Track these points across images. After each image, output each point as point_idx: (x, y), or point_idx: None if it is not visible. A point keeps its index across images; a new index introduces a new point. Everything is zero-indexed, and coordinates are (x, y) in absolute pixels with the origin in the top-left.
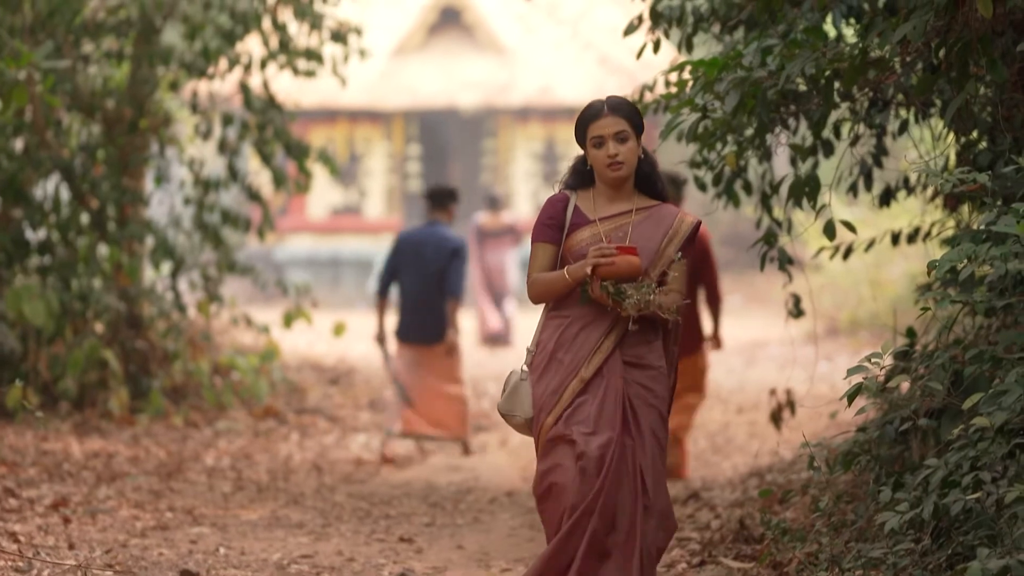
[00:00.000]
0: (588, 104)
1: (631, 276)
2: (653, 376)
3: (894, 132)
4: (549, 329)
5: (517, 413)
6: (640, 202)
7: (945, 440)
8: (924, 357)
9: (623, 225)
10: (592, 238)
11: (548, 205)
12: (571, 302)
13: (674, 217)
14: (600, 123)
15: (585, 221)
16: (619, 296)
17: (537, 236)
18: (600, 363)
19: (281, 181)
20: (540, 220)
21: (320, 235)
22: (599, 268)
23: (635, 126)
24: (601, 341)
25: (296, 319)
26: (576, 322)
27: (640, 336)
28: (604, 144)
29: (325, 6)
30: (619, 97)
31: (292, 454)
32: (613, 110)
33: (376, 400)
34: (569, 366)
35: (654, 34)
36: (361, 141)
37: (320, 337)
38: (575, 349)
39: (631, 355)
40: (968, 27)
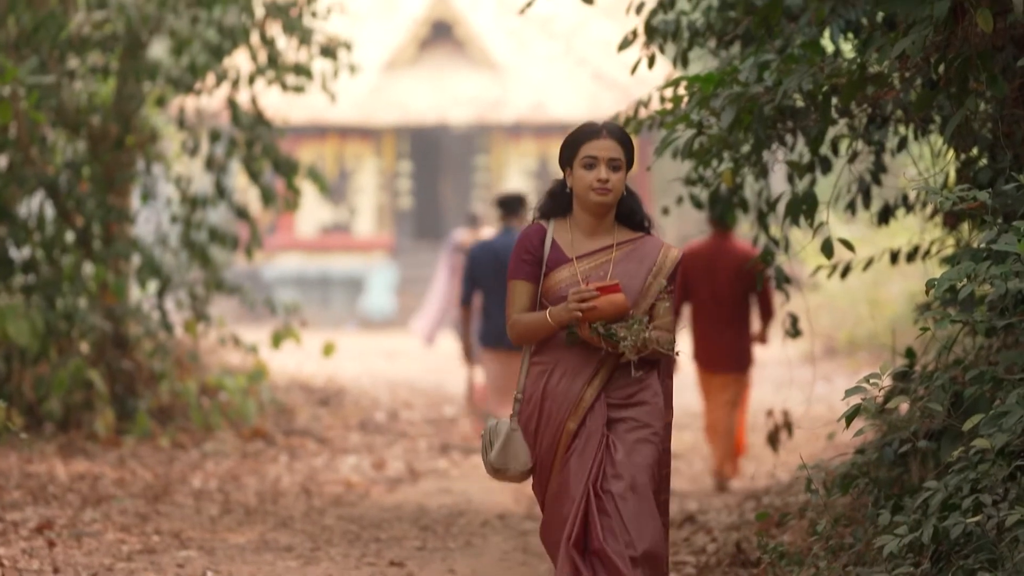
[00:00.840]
0: (584, 124)
1: (618, 316)
2: (648, 411)
3: (893, 149)
4: (533, 376)
5: (512, 466)
6: (621, 235)
7: (945, 462)
8: (923, 378)
9: (603, 264)
10: (571, 279)
11: (524, 239)
12: (553, 344)
13: (658, 251)
14: (597, 144)
15: (563, 259)
16: (611, 338)
17: (514, 273)
18: (584, 413)
19: (270, 198)
20: (516, 255)
21: (309, 253)
22: (584, 317)
23: (628, 156)
24: (583, 390)
25: (285, 339)
26: (559, 368)
27: (628, 377)
28: (596, 166)
29: (314, 20)
30: (617, 125)
31: (281, 476)
32: (612, 135)
33: (366, 421)
34: (557, 418)
35: (649, 49)
36: (351, 158)
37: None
38: (559, 399)
39: (621, 396)
40: (968, 42)
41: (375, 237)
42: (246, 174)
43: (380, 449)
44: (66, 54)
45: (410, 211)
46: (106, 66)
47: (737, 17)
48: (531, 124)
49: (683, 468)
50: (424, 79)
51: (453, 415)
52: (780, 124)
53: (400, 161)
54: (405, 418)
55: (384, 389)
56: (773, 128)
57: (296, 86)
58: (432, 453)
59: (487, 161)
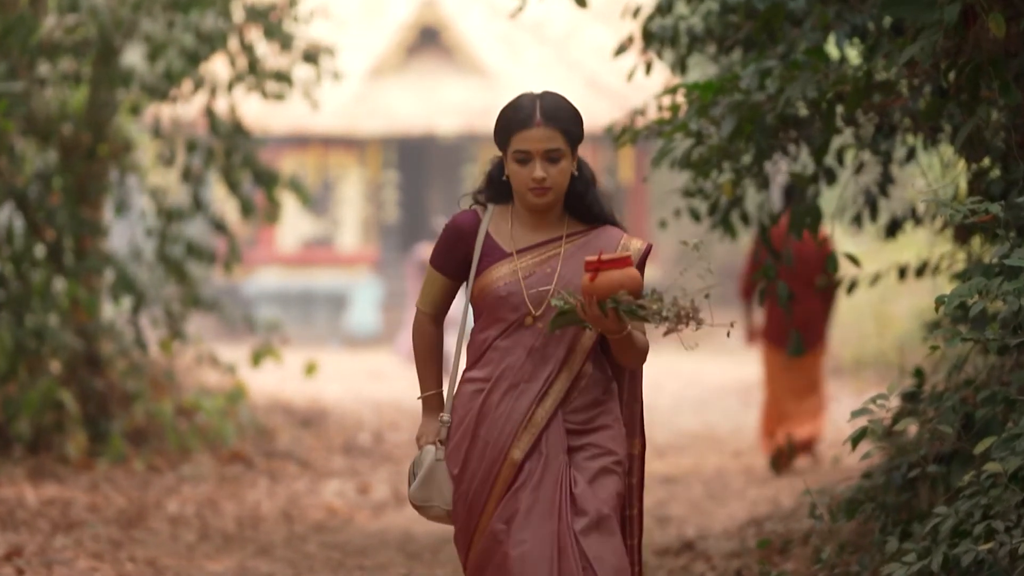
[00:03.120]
0: (515, 102)
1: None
2: (611, 436)
3: (901, 159)
4: (464, 396)
5: (435, 503)
6: (571, 226)
7: (955, 487)
8: (933, 398)
9: (550, 259)
10: (510, 276)
11: (451, 227)
12: (495, 355)
13: (616, 243)
14: (527, 135)
15: (500, 254)
16: (634, 314)
17: (432, 259)
18: (533, 439)
19: (249, 211)
20: (439, 241)
21: (291, 268)
22: (593, 289)
23: (572, 140)
24: (532, 410)
25: (265, 357)
26: (499, 386)
27: (588, 394)
28: (530, 162)
29: (296, 25)
30: (556, 97)
31: (261, 501)
32: (548, 119)
33: (350, 443)
34: (496, 446)
35: (646, 55)
36: (334, 168)
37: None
38: (500, 423)
39: (578, 421)
40: (979, 48)
41: (359, 251)
42: (224, 185)
43: (365, 472)
44: (36, 60)
45: (396, 224)
46: (78, 73)
47: (738, 22)
48: None
49: (681, 493)
50: (411, 86)
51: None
52: (783, 133)
53: (386, 172)
54: (391, 440)
55: (369, 410)
56: (775, 138)
57: (277, 93)
58: None
59: (476, 171)
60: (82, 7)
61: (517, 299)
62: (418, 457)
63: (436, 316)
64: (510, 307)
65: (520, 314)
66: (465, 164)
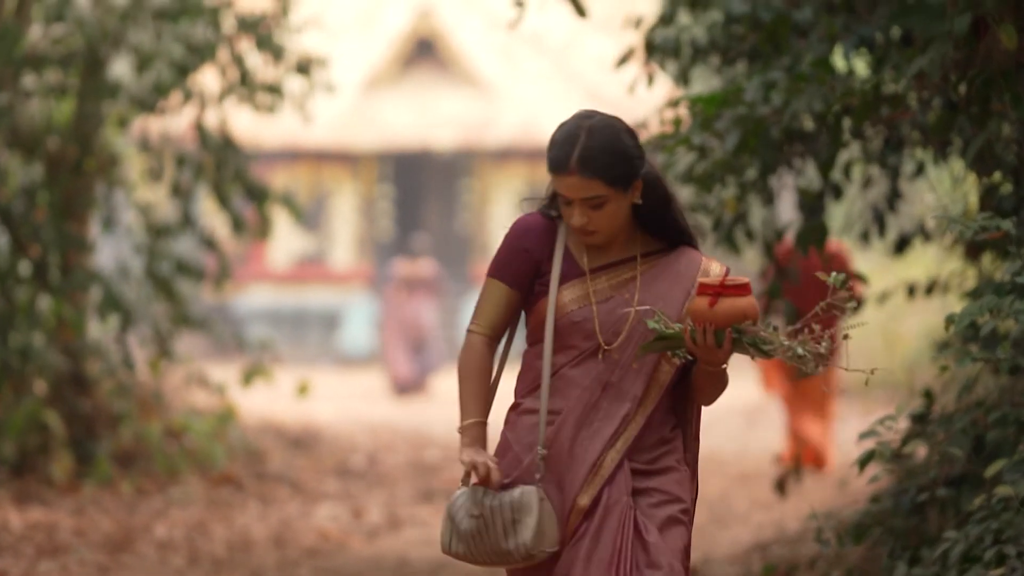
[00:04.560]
0: (556, 136)
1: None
2: (676, 480)
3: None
4: (522, 429)
5: (544, 547)
6: (646, 245)
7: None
8: (943, 420)
9: (627, 281)
10: (584, 298)
11: (519, 230)
12: (562, 385)
13: (697, 267)
14: (563, 182)
15: (575, 272)
16: (759, 348)
17: (495, 269)
18: (601, 485)
19: (240, 227)
20: (505, 247)
21: (282, 286)
22: (713, 317)
23: (616, 183)
24: (604, 454)
25: (256, 377)
26: (569, 421)
27: (654, 433)
28: (571, 205)
29: (288, 36)
30: (598, 137)
31: (251, 525)
32: (583, 167)
33: (343, 466)
34: (567, 493)
35: (648, 67)
36: (327, 183)
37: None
38: (571, 465)
39: (644, 460)
40: (990, 60)
41: (353, 268)
42: (214, 201)
43: (358, 496)
44: (21, 71)
45: (391, 241)
46: (64, 84)
47: (742, 33)
48: (520, 148)
49: None
50: (406, 99)
51: (437, 458)
52: (788, 147)
53: (380, 187)
54: (385, 462)
55: (363, 431)
56: (780, 152)
57: (268, 106)
58: (414, 500)
59: (473, 186)
60: (68, 17)
61: (591, 326)
62: (515, 502)
63: (492, 339)
64: (583, 334)
65: (593, 343)
66: (462, 179)
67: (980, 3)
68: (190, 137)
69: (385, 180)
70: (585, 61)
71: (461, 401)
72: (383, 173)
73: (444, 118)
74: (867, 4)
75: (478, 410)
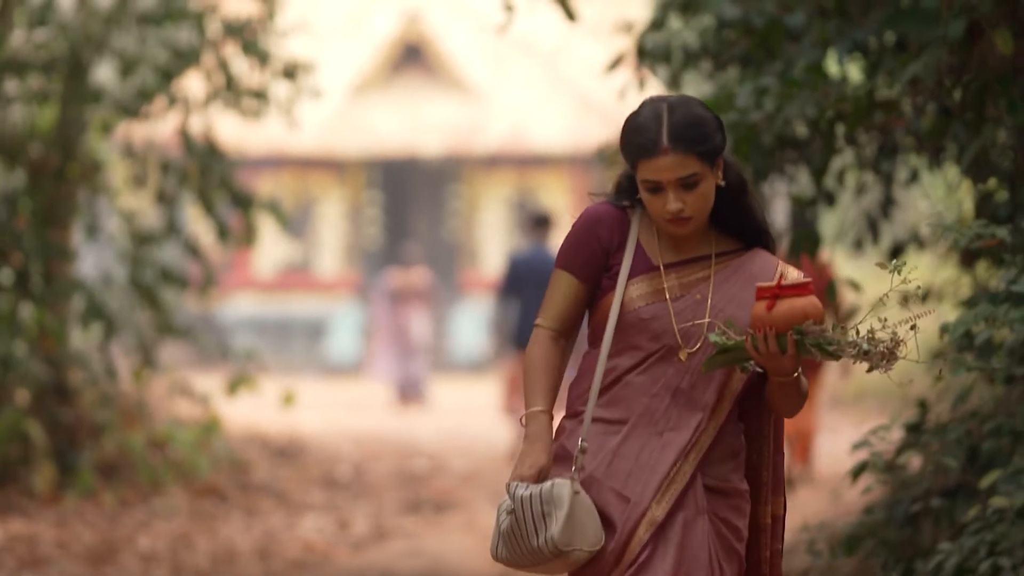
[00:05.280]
0: (637, 120)
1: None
2: (735, 507)
3: (903, 181)
4: (596, 436)
5: (578, 544)
6: (721, 245)
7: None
8: (937, 430)
9: (699, 281)
10: (655, 295)
11: (589, 217)
12: (630, 391)
13: (773, 271)
14: (655, 164)
15: (645, 266)
16: (826, 348)
17: (563, 259)
18: (677, 496)
19: (224, 234)
20: (574, 237)
21: (268, 294)
22: (772, 320)
23: (708, 157)
24: (679, 463)
25: (240, 387)
26: (638, 432)
27: (724, 444)
28: (662, 192)
29: (274, 40)
30: (686, 109)
31: (236, 537)
32: (677, 142)
33: (329, 476)
34: (635, 500)
35: (639, 72)
36: (314, 190)
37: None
38: (638, 473)
39: (713, 476)
40: (985, 65)
41: (340, 276)
42: (199, 208)
43: (344, 507)
44: (3, 77)
45: (378, 248)
46: (47, 90)
47: (734, 38)
48: (510, 154)
49: None
50: (394, 105)
51: (424, 468)
52: (780, 154)
53: (367, 194)
54: (371, 472)
55: (349, 441)
56: (773, 158)
57: (254, 111)
58: (401, 511)
59: (462, 193)
60: (51, 21)
61: (661, 326)
62: (544, 493)
63: (560, 334)
64: (651, 334)
65: (661, 345)
66: (450, 186)
67: (975, 8)
68: (174, 143)
69: (372, 187)
70: (575, 66)
71: (525, 392)
72: (370, 180)
73: (432, 124)
74: (861, 9)
75: (543, 400)
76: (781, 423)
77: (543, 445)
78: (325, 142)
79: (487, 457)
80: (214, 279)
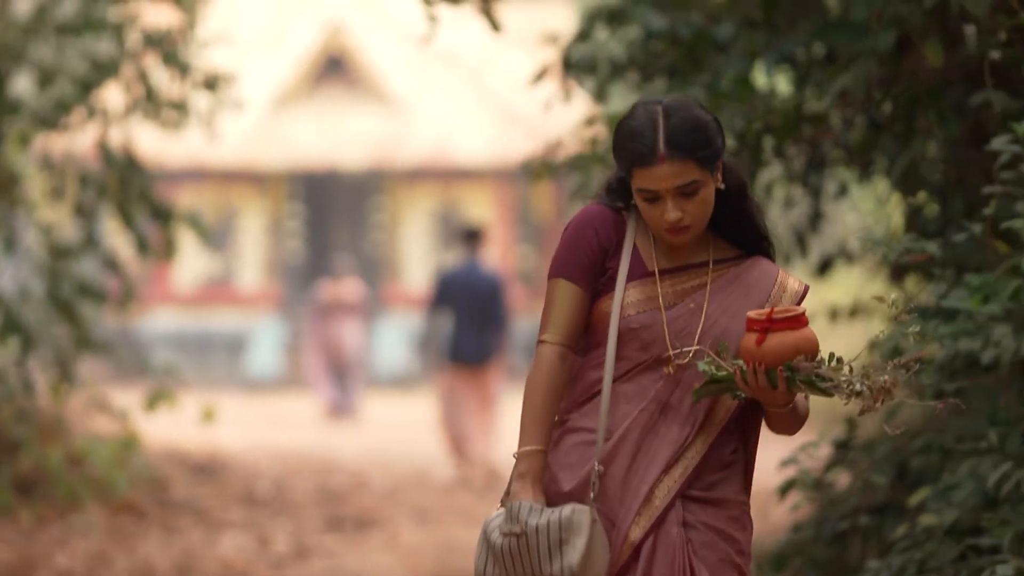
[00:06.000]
0: (632, 124)
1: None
2: (733, 518)
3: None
4: (566, 449)
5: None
6: (719, 252)
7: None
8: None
9: (695, 288)
10: (647, 302)
11: (582, 220)
12: (616, 403)
13: (772, 280)
14: (651, 173)
15: (639, 272)
16: (817, 386)
17: (560, 268)
18: (654, 517)
19: (144, 248)
20: (569, 243)
21: (188, 308)
22: (762, 355)
23: (707, 162)
24: (659, 481)
25: (160, 403)
26: (626, 446)
27: (716, 459)
28: (659, 200)
29: (195, 51)
30: (682, 113)
31: (154, 554)
32: (674, 150)
33: (249, 493)
34: (618, 527)
35: (565, 83)
36: (235, 203)
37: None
38: (623, 496)
39: (700, 487)
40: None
41: (261, 290)
42: (118, 221)
43: (264, 524)
44: None
45: (300, 262)
46: None
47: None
48: (433, 167)
49: None
50: (316, 117)
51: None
52: None
53: (289, 207)
54: (292, 489)
55: (270, 457)
56: None
57: (174, 123)
58: (322, 528)
59: (384, 206)
60: None
61: (652, 335)
62: (563, 520)
63: (568, 349)
64: (640, 343)
65: (650, 355)
66: (373, 199)
67: (905, 20)
68: (93, 155)
69: (294, 200)
70: (500, 78)
71: (522, 424)
72: (292, 193)
73: (355, 136)
74: (789, 20)
75: (539, 436)
76: (755, 444)
77: (533, 488)
78: (246, 155)
79: (410, 474)
80: (133, 293)
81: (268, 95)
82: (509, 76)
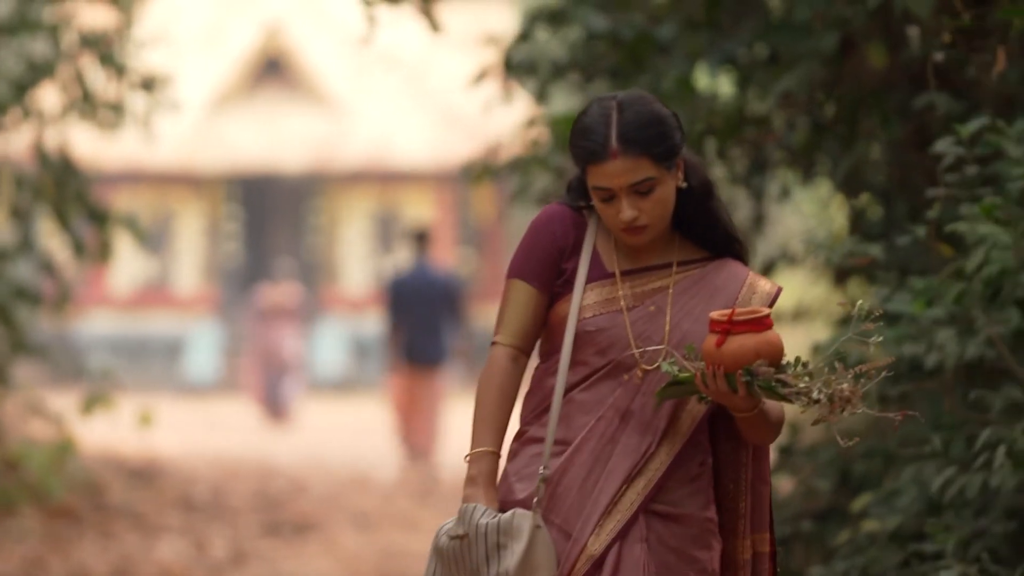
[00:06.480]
0: (584, 121)
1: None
2: (695, 536)
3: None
4: (522, 461)
5: None
6: (685, 253)
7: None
8: (808, 452)
9: (657, 291)
10: (605, 305)
11: (542, 220)
12: (567, 411)
13: (741, 283)
14: (604, 169)
15: (597, 273)
16: (774, 392)
17: (517, 269)
18: (620, 527)
19: (80, 250)
20: (528, 243)
21: (124, 311)
22: (720, 358)
23: (663, 158)
24: (622, 490)
25: (96, 406)
26: (581, 456)
27: (682, 472)
28: (615, 199)
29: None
30: (636, 107)
31: (90, 560)
32: (627, 145)
33: (186, 497)
34: (575, 539)
35: (505, 85)
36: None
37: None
38: (579, 507)
39: (665, 502)
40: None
41: (198, 293)
42: (54, 223)
43: (201, 529)
44: None
45: (238, 265)
46: None
47: (603, 50)
48: (372, 170)
49: None
50: (254, 119)
51: (284, 490)
52: None
53: (226, 209)
54: (230, 494)
55: (207, 462)
56: None
57: (110, 124)
58: (260, 533)
59: (323, 209)
60: None
61: (609, 340)
62: (503, 524)
63: (520, 351)
64: (596, 348)
65: (608, 360)
66: (311, 201)
67: (848, 21)
68: (29, 157)
69: (232, 202)
70: (440, 79)
71: (474, 426)
72: (230, 195)
73: (293, 138)
74: (731, 21)
75: (491, 438)
76: (764, 450)
77: (485, 490)
78: (183, 157)
79: (349, 478)
80: (69, 296)
81: (206, 96)
82: (449, 78)
